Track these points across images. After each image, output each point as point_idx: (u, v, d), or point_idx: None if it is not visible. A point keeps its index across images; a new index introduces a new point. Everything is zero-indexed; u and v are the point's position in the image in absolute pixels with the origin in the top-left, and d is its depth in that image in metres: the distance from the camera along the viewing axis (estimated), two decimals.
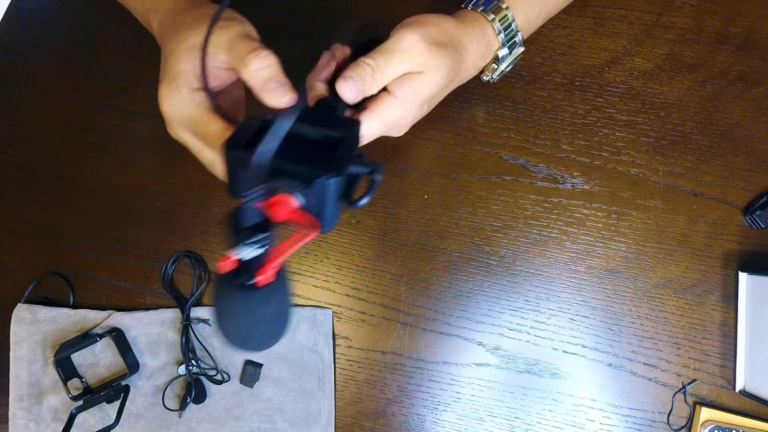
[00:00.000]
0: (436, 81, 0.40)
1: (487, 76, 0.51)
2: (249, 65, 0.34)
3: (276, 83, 0.34)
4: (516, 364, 0.53)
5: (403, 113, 0.40)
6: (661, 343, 0.52)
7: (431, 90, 0.40)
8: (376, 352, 0.54)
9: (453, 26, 0.42)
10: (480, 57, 0.45)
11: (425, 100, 0.41)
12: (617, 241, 0.53)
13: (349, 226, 0.55)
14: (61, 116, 0.59)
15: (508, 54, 0.47)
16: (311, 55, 0.43)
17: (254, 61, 0.34)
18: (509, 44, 0.46)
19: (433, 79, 0.40)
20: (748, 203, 0.53)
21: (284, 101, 0.34)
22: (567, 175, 0.54)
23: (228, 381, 0.54)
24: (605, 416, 0.52)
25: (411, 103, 0.40)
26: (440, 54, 0.40)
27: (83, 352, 0.54)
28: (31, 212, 0.57)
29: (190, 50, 0.36)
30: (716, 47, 0.55)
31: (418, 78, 0.39)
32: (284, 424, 0.53)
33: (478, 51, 0.44)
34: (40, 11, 0.61)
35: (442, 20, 0.42)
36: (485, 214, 0.54)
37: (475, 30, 0.44)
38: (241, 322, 0.33)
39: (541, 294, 0.53)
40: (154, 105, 0.60)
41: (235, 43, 0.35)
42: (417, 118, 0.43)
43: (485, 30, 0.45)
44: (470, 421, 0.53)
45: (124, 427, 0.53)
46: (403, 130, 0.44)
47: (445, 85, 0.42)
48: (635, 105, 0.55)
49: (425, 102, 0.42)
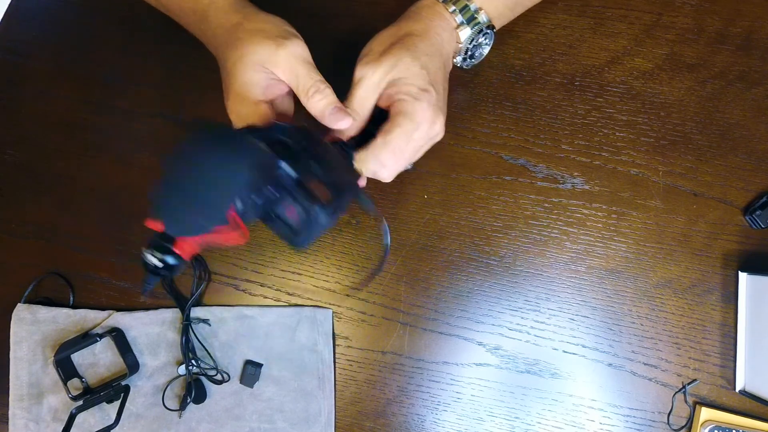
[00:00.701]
0: (412, 69, 0.42)
1: (458, 58, 0.49)
2: (312, 99, 0.40)
3: (333, 110, 0.40)
4: (516, 364, 0.53)
5: (419, 108, 0.41)
6: (661, 343, 0.52)
7: (418, 79, 0.42)
8: (376, 352, 0.54)
9: (393, 28, 0.45)
10: (443, 30, 0.45)
11: (423, 87, 0.42)
12: (617, 241, 0.53)
13: (349, 226, 0.55)
14: (61, 116, 0.59)
15: (473, 32, 0.47)
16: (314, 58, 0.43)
17: (316, 96, 0.40)
18: (471, 24, 0.46)
19: (407, 69, 0.42)
20: (748, 203, 0.53)
21: (342, 124, 0.40)
22: (567, 175, 0.54)
23: (228, 381, 0.54)
24: (605, 416, 0.52)
25: (414, 98, 0.42)
26: (394, 53, 0.42)
27: (83, 352, 0.54)
28: (31, 212, 0.57)
29: (253, 65, 0.40)
30: (716, 47, 0.55)
31: (394, 78, 0.42)
32: (284, 424, 0.53)
33: (435, 25, 0.45)
34: (40, 11, 0.61)
35: (377, 36, 0.45)
36: (485, 214, 0.54)
37: (421, 12, 0.45)
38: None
39: (541, 294, 0.53)
40: (154, 105, 0.60)
41: (298, 69, 0.40)
42: (434, 106, 0.43)
43: (435, 8, 0.45)
44: (470, 421, 0.53)
45: (124, 427, 0.53)
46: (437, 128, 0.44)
47: (426, 64, 0.42)
48: (635, 105, 0.55)
49: (428, 86, 0.42)
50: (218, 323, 0.54)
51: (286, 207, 0.34)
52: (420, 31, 0.44)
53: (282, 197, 0.34)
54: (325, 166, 0.36)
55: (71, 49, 0.60)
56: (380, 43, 0.44)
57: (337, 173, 0.38)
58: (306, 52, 0.40)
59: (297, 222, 0.34)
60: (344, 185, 0.37)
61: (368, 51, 0.44)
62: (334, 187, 0.36)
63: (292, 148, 0.35)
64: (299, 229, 0.35)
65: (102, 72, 0.59)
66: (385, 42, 0.43)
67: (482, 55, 0.50)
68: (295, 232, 0.35)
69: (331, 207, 0.34)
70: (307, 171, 0.35)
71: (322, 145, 0.39)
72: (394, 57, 0.42)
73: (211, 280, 0.55)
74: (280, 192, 0.34)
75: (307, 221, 0.34)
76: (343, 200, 0.36)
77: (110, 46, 0.60)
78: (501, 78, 0.56)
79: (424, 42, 0.44)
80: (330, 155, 0.39)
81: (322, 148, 0.39)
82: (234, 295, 0.55)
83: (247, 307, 0.55)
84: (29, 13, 0.61)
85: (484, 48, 0.49)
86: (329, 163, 0.37)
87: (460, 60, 0.49)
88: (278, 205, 0.34)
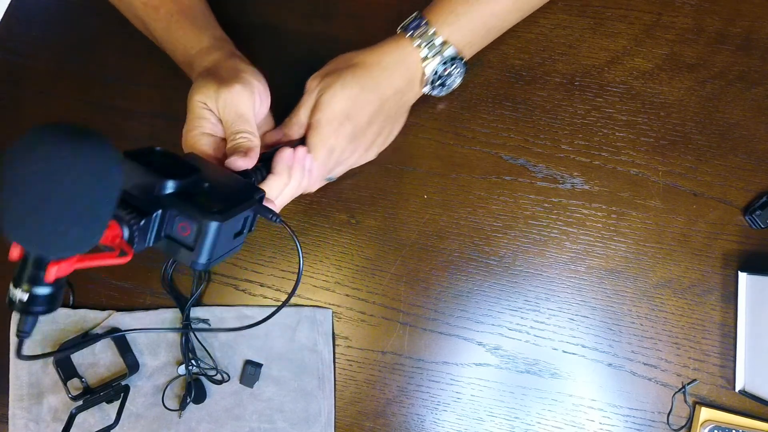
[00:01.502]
0: (333, 95, 0.45)
1: (425, 88, 0.51)
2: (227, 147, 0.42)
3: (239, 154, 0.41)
4: (516, 364, 0.53)
5: (325, 132, 0.45)
6: (661, 343, 0.52)
7: (335, 104, 0.45)
8: (376, 352, 0.54)
9: (352, 53, 0.48)
10: (398, 64, 0.47)
11: (336, 114, 0.45)
12: (617, 241, 0.53)
13: (349, 226, 0.55)
14: (61, 116, 0.59)
15: (440, 67, 0.48)
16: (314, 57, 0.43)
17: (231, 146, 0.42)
18: (435, 57, 0.48)
19: (328, 96, 0.45)
20: (747, 203, 0.53)
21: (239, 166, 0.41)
22: (567, 175, 0.54)
23: (228, 381, 0.54)
24: (605, 416, 0.52)
25: (323, 120, 0.45)
26: (329, 78, 0.46)
27: (83, 352, 0.54)
28: None
29: (198, 102, 0.43)
30: (716, 47, 0.55)
31: (317, 102, 0.46)
32: (284, 424, 0.53)
33: (389, 60, 0.47)
34: (40, 11, 0.61)
35: (341, 56, 0.48)
36: (485, 214, 0.54)
37: (383, 46, 0.48)
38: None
39: (541, 294, 0.53)
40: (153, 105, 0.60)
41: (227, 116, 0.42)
42: (347, 134, 0.47)
43: (399, 43, 0.48)
44: (470, 421, 0.53)
45: (124, 427, 0.54)
46: (353, 152, 0.49)
47: (352, 94, 0.46)
48: (635, 105, 0.55)
49: (340, 117, 0.46)
50: (218, 323, 0.54)
51: (176, 224, 0.33)
52: (369, 63, 0.47)
53: (168, 215, 0.32)
54: (214, 182, 0.36)
55: (71, 49, 0.60)
56: (332, 63, 0.48)
57: (229, 188, 0.36)
58: (242, 100, 0.42)
59: (190, 237, 0.32)
60: (236, 198, 0.35)
61: (322, 70, 0.48)
62: (225, 200, 0.34)
63: (176, 166, 0.34)
64: (193, 244, 0.32)
65: (102, 72, 0.59)
66: (337, 65, 0.47)
67: (454, 83, 0.51)
68: (191, 248, 0.33)
69: (222, 216, 0.32)
70: (192, 186, 0.34)
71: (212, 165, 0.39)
72: (327, 81, 0.46)
73: (210, 280, 0.55)
74: (165, 210, 0.32)
75: (198, 232, 0.32)
76: (236, 210, 0.34)
77: (110, 46, 0.60)
78: (501, 78, 0.56)
79: (366, 74, 0.46)
80: (220, 173, 0.38)
81: (212, 167, 0.38)
82: (234, 295, 0.55)
83: (247, 307, 0.55)
84: (29, 13, 0.61)
85: (455, 77, 0.51)
86: (218, 180, 0.36)
87: (428, 89, 0.50)
88: (166, 224, 0.33)
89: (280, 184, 0.43)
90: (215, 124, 0.43)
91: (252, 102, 0.43)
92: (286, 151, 0.43)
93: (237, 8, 0.59)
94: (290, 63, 0.58)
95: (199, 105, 0.42)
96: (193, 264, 0.33)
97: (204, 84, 0.42)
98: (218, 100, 0.42)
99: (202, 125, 0.43)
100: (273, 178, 0.42)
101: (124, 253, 0.30)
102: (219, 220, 0.32)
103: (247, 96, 0.42)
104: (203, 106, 0.42)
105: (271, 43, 0.58)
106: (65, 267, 0.27)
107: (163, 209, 0.32)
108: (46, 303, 0.27)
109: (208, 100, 0.42)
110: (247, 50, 0.50)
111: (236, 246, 0.37)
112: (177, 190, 0.33)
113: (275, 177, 0.42)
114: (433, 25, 0.47)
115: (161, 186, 0.32)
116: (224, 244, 0.34)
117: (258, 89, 0.44)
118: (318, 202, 0.55)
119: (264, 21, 0.59)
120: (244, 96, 0.42)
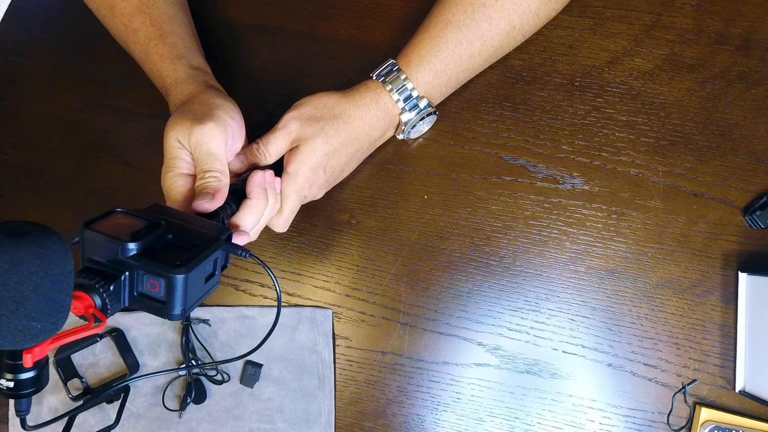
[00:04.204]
0: (315, 148, 0.46)
1: (400, 135, 0.53)
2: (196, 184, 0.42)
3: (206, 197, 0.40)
4: (516, 365, 0.53)
5: (301, 182, 0.47)
6: (661, 343, 0.52)
7: (315, 157, 0.46)
8: (376, 353, 0.54)
9: (334, 100, 0.48)
10: (378, 120, 0.49)
11: (314, 167, 0.47)
12: (617, 241, 0.53)
13: (350, 227, 0.55)
14: (61, 116, 0.59)
15: (415, 117, 0.50)
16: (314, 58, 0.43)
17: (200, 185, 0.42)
18: (412, 109, 0.49)
19: (310, 148, 0.46)
20: (748, 203, 0.53)
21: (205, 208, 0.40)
22: (567, 175, 0.54)
23: (228, 381, 0.54)
24: (605, 416, 0.52)
25: (301, 172, 0.46)
26: (312, 126, 0.46)
27: (83, 352, 0.54)
28: (31, 212, 0.57)
29: (174, 140, 0.42)
30: (716, 47, 0.55)
31: (297, 150, 0.46)
32: (284, 424, 0.53)
33: (372, 116, 0.48)
34: (40, 11, 0.62)
35: (321, 97, 0.48)
36: (485, 215, 0.54)
37: (365, 98, 0.48)
38: None
39: (541, 294, 0.53)
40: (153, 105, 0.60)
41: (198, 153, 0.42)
42: (320, 184, 0.49)
43: (380, 97, 0.48)
44: (470, 422, 0.53)
45: (124, 427, 0.53)
46: (318, 194, 0.51)
47: (331, 149, 0.47)
48: (635, 105, 0.55)
49: (317, 168, 0.47)
50: (218, 323, 0.54)
51: (145, 282, 0.33)
52: (352, 117, 0.48)
53: (136, 275, 0.33)
54: (179, 231, 0.36)
55: (71, 49, 0.60)
56: (315, 107, 0.47)
57: (195, 234, 0.37)
58: (213, 137, 0.41)
59: (160, 293, 0.33)
60: (203, 242, 0.36)
61: (302, 106, 0.47)
62: (191, 247, 0.35)
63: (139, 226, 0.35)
64: (165, 299, 0.33)
65: (102, 72, 0.59)
66: (319, 111, 0.47)
67: (422, 130, 0.54)
68: (163, 302, 0.33)
69: (187, 267, 0.33)
70: (155, 241, 0.34)
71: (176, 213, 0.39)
72: (308, 131, 0.46)
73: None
74: (132, 270, 0.33)
75: (167, 287, 0.33)
76: (201, 258, 0.34)
77: (110, 47, 0.59)
78: (501, 78, 0.56)
79: (349, 129, 0.47)
80: (186, 220, 0.38)
81: (177, 215, 0.39)
82: (234, 295, 0.55)
83: (247, 308, 0.55)
84: (29, 13, 0.61)
85: (425, 125, 0.53)
86: (184, 227, 0.37)
87: (401, 136, 0.53)
88: (137, 283, 0.33)
89: (260, 206, 0.43)
90: (191, 163, 0.43)
91: (224, 140, 0.42)
92: (258, 174, 0.43)
93: (237, 9, 0.59)
94: (290, 64, 0.58)
95: (174, 144, 0.42)
96: (169, 317, 0.34)
97: (177, 120, 0.42)
98: (191, 137, 0.41)
99: (178, 166, 0.43)
100: (251, 203, 0.42)
101: (99, 320, 0.30)
102: (183, 272, 0.32)
103: (219, 134, 0.42)
104: (178, 145, 0.42)
105: (271, 44, 0.58)
106: (40, 351, 0.28)
107: (130, 271, 0.33)
108: (33, 384, 0.29)
109: (181, 137, 0.42)
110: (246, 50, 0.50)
111: (212, 287, 0.37)
112: (140, 249, 0.33)
113: (254, 201, 0.42)
114: (404, 71, 0.48)
115: (123, 249, 0.33)
116: (196, 290, 0.35)
117: (231, 126, 0.43)
118: (318, 202, 0.55)
119: (264, 21, 0.59)
120: (216, 134, 0.41)
